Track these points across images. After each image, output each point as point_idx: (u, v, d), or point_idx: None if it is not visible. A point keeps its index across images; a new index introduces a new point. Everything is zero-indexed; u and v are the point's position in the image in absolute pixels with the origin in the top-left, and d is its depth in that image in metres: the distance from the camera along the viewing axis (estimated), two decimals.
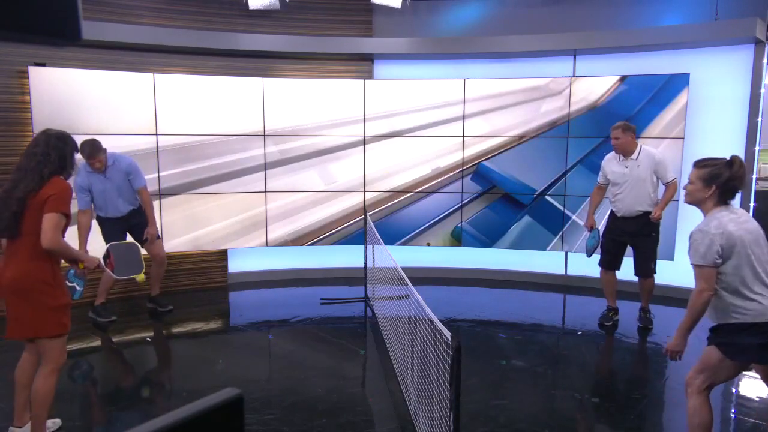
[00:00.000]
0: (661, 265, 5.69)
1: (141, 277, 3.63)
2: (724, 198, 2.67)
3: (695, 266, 2.62)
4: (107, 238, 4.73)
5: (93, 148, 4.59)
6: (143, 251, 5.18)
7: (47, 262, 2.86)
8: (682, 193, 3.22)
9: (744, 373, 3.39)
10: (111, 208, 4.88)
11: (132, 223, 4.99)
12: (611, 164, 4.87)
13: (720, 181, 2.63)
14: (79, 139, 5.09)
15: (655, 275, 4.92)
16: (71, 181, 3.45)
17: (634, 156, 4.76)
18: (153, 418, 0.61)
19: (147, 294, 5.44)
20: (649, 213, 4.74)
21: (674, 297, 5.72)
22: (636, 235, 4.81)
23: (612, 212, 4.95)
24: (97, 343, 4.79)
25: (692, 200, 2.74)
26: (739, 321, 2.58)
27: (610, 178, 4.88)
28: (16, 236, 2.85)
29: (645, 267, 4.88)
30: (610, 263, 4.99)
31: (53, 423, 3.28)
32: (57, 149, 2.91)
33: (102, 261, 3.38)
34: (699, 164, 2.73)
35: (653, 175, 4.74)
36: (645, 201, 4.74)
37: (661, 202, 4.78)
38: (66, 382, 4.03)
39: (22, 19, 0.66)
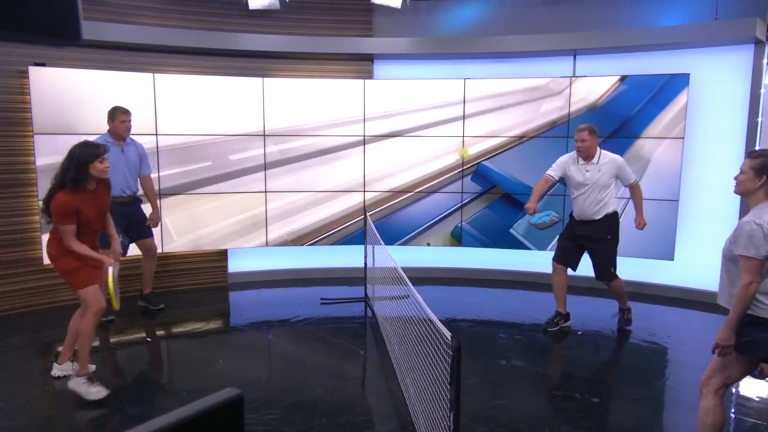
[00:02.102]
0: (661, 265, 5.71)
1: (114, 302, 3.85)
2: None
3: (745, 257, 2.56)
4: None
5: (126, 109, 4.95)
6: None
7: (55, 242, 3.57)
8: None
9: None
10: (119, 185, 4.87)
11: (132, 210, 5.08)
12: (570, 167, 4.74)
13: None
14: (78, 139, 5.15)
15: (617, 275, 4.79)
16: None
17: (594, 160, 4.66)
18: (153, 418, 0.61)
19: (139, 292, 5.44)
20: (607, 216, 4.66)
21: (674, 297, 5.72)
22: (591, 238, 4.71)
23: (571, 215, 4.88)
24: (96, 342, 4.79)
25: (742, 190, 2.71)
26: (755, 314, 2.59)
27: (567, 181, 4.78)
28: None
29: (605, 272, 4.77)
30: (561, 257, 4.85)
31: (89, 367, 3.86)
32: (68, 159, 3.52)
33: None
34: (752, 155, 2.71)
35: (614, 179, 4.68)
36: (603, 205, 4.66)
37: (637, 207, 4.74)
38: (66, 383, 4.03)
39: (22, 19, 0.66)
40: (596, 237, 4.70)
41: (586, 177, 4.65)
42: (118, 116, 4.89)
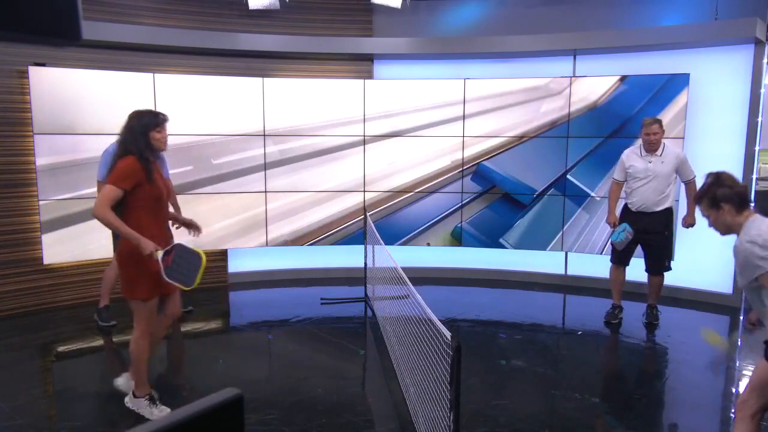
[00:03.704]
0: None
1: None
2: (741, 206, 2.54)
3: None
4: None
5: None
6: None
7: (126, 242, 3.19)
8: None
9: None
10: None
11: None
12: (633, 159, 4.85)
13: (725, 196, 2.52)
14: (78, 139, 5.17)
15: (666, 273, 4.96)
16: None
17: (658, 152, 4.78)
18: None
19: None
20: (665, 210, 4.80)
21: (674, 297, 5.72)
22: (649, 231, 4.80)
23: (626, 208, 4.94)
24: (98, 343, 4.79)
25: (723, 228, 2.61)
26: None
27: (630, 172, 4.86)
28: None
29: (658, 264, 4.92)
30: (622, 259, 4.99)
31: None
32: (127, 128, 3.24)
33: (160, 254, 3.20)
34: (696, 199, 2.66)
35: (674, 174, 4.80)
36: (664, 198, 4.79)
37: (690, 205, 4.84)
38: (66, 383, 4.04)
39: (22, 19, 0.66)
40: (653, 230, 4.80)
41: (649, 167, 4.76)
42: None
